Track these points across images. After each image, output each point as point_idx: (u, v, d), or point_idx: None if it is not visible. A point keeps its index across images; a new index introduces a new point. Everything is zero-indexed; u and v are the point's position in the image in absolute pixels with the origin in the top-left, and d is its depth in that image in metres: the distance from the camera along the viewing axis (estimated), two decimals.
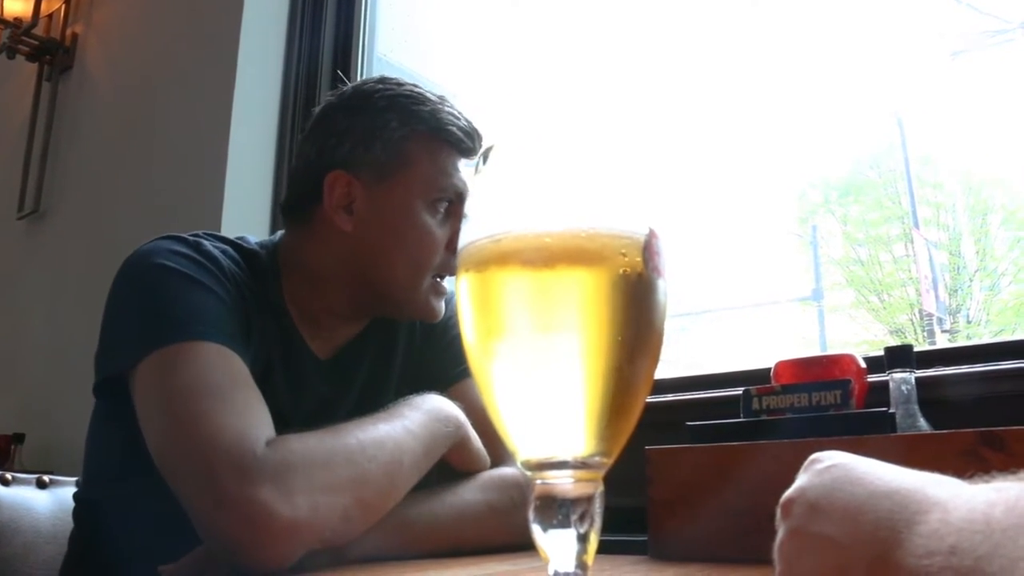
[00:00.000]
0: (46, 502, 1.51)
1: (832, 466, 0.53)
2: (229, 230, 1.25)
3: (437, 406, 1.08)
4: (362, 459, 0.92)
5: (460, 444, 1.09)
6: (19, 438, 2.56)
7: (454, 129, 1.20)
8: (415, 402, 1.07)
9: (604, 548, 0.60)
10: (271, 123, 2.31)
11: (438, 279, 1.20)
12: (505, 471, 1.14)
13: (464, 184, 1.20)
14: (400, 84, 1.23)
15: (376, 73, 1.81)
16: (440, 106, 1.22)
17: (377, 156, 1.19)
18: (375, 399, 1.21)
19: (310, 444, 0.91)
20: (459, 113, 1.23)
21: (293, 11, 2.40)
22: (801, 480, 0.54)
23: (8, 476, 1.51)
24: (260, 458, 0.86)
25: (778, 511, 0.54)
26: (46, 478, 1.55)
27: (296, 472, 0.87)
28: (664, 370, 1.80)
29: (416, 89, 1.23)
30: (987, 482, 0.45)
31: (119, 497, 1.10)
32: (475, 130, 1.22)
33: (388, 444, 0.96)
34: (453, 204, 1.20)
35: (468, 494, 1.10)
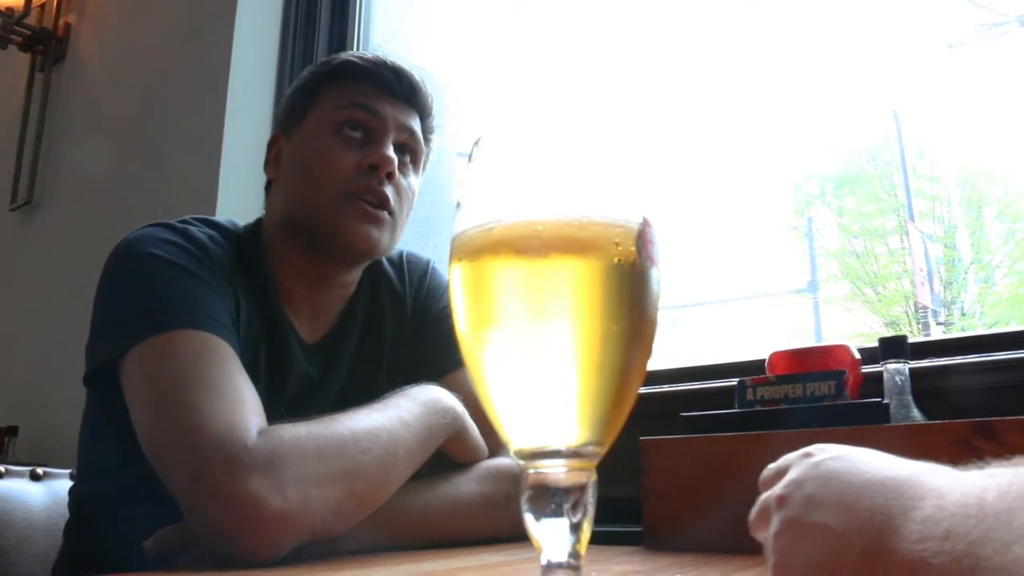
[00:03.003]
0: (40, 495, 1.50)
1: (827, 458, 0.53)
2: (222, 218, 1.25)
3: (434, 397, 1.07)
4: (355, 451, 0.92)
5: (458, 435, 1.09)
6: (12, 431, 2.55)
7: (354, 60, 1.23)
8: (411, 393, 1.06)
9: (598, 539, 0.60)
10: (266, 114, 2.30)
11: (364, 202, 1.16)
12: (502, 462, 1.13)
13: (380, 105, 1.20)
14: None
15: None
16: (354, 52, 1.29)
17: (291, 106, 1.26)
18: (364, 383, 1.21)
19: (302, 435, 0.90)
20: (372, 55, 1.26)
21: (288, 2, 2.39)
22: (795, 473, 0.54)
23: (1, 469, 1.50)
24: (251, 449, 0.86)
25: (772, 503, 0.54)
26: (40, 470, 1.54)
27: (287, 463, 0.86)
28: (659, 361, 1.80)
29: (349, 51, 1.27)
30: (981, 468, 0.45)
31: (113, 489, 1.10)
32: (384, 62, 1.23)
33: (382, 436, 0.95)
34: (370, 128, 1.19)
35: (463, 485, 1.09)
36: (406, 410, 1.01)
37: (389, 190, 1.17)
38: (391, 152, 1.18)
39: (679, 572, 0.77)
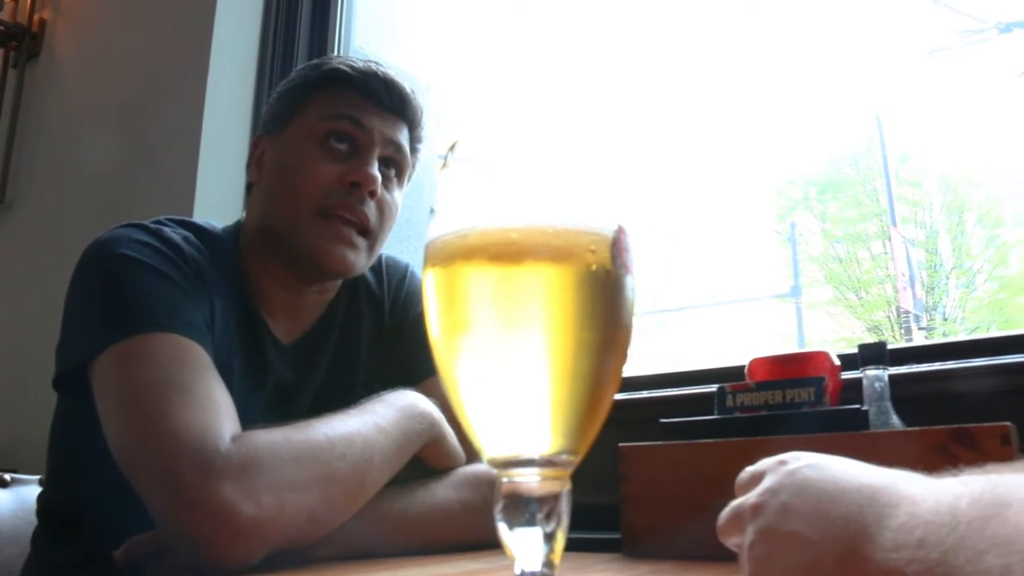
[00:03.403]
0: (7, 501, 1.48)
1: (802, 466, 0.53)
2: (200, 219, 1.24)
3: (411, 403, 1.07)
4: (331, 456, 0.91)
5: (435, 441, 1.08)
6: None
7: (343, 67, 1.20)
8: (388, 398, 1.06)
9: (576, 545, 0.59)
10: (245, 115, 2.28)
11: (340, 223, 1.14)
12: (479, 468, 1.13)
13: (366, 118, 1.17)
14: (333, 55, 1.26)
15: None
16: (345, 57, 1.25)
17: (278, 108, 1.23)
18: (339, 387, 1.20)
19: (276, 440, 0.89)
20: (362, 62, 1.23)
21: (268, 1, 2.38)
22: (770, 481, 0.54)
23: None
24: (224, 454, 0.85)
25: (747, 511, 0.54)
26: (7, 477, 1.52)
27: (261, 469, 0.85)
28: (641, 366, 1.80)
29: (340, 56, 1.25)
30: (955, 476, 0.45)
31: (83, 496, 1.08)
32: (374, 71, 1.20)
33: (358, 442, 0.95)
34: (355, 141, 1.17)
35: (441, 491, 1.09)
36: (382, 416, 1.01)
37: (370, 208, 1.15)
38: (375, 170, 1.15)
39: None
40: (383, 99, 1.19)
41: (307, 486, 0.88)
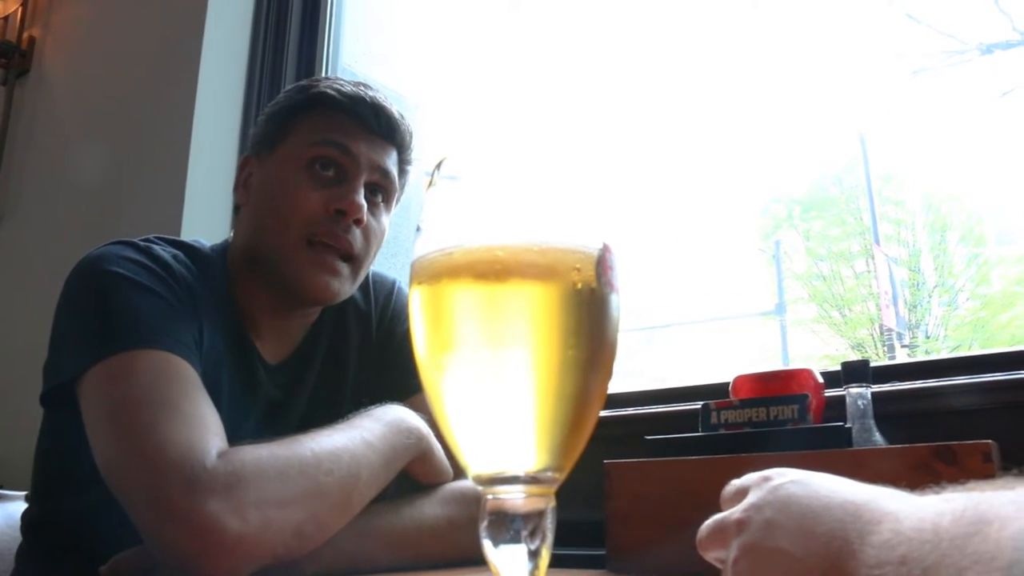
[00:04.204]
0: None
1: (786, 482, 0.53)
2: (188, 236, 1.23)
3: (399, 417, 1.06)
4: (317, 472, 0.91)
5: (422, 456, 1.08)
6: None
7: (332, 92, 1.19)
8: (375, 413, 1.06)
9: (561, 562, 0.59)
10: (233, 135, 2.28)
11: (325, 253, 1.14)
12: (466, 484, 1.13)
13: (354, 144, 1.16)
14: (321, 76, 1.25)
15: None
16: (333, 80, 1.23)
17: (266, 130, 1.23)
18: (327, 405, 1.20)
19: (263, 456, 0.89)
20: (351, 84, 1.21)
21: (257, 19, 2.38)
22: (754, 496, 0.54)
23: None
24: (210, 470, 0.84)
25: (731, 527, 0.54)
26: None
27: (247, 485, 0.85)
28: (626, 383, 1.80)
29: (328, 76, 1.24)
30: (937, 493, 0.45)
31: (69, 511, 1.08)
32: (363, 96, 1.19)
33: (344, 457, 0.94)
34: (342, 167, 1.16)
35: (427, 508, 1.08)
36: (370, 431, 1.00)
37: (355, 235, 1.15)
38: (361, 198, 1.15)
39: None
40: (371, 124, 1.18)
41: (294, 501, 0.87)
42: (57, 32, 2.94)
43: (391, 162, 1.21)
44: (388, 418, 1.05)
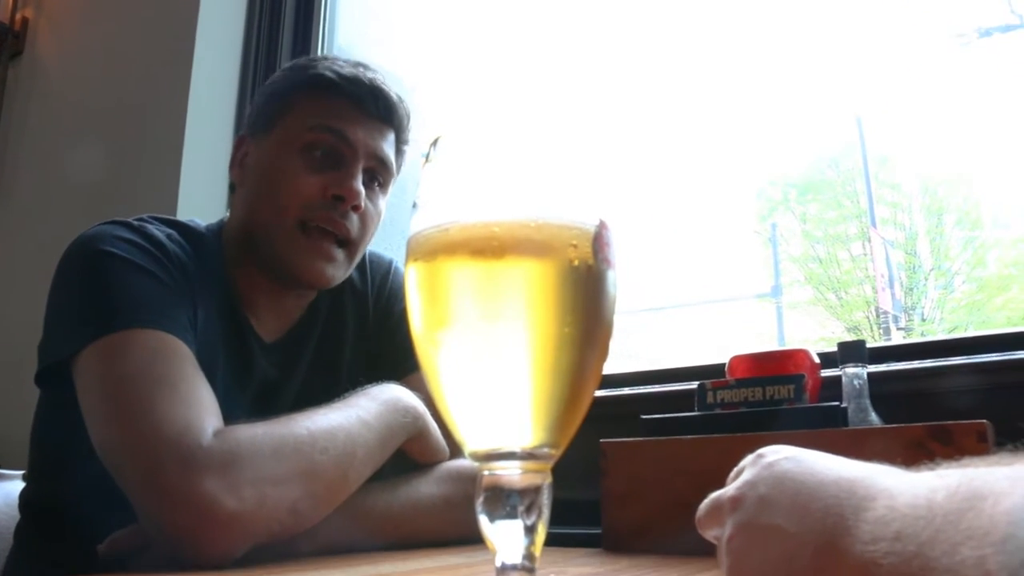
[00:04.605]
0: None
1: (781, 459, 0.53)
2: (183, 218, 1.23)
3: (395, 396, 1.06)
4: (313, 451, 0.91)
5: (419, 435, 1.08)
6: None
7: (330, 74, 1.16)
8: (372, 392, 1.05)
9: (558, 540, 0.60)
10: (228, 117, 2.27)
11: (321, 239, 1.13)
12: (462, 463, 1.13)
13: (352, 130, 1.15)
14: (318, 55, 1.24)
15: None
16: (332, 60, 1.21)
17: (263, 110, 1.21)
18: (323, 383, 1.20)
19: (258, 434, 0.89)
20: (350, 65, 1.19)
21: (252, 1, 2.36)
22: (749, 474, 0.54)
23: None
24: (205, 449, 0.84)
25: (726, 504, 0.55)
26: None
27: (243, 463, 0.85)
28: (623, 364, 1.81)
29: (326, 55, 1.22)
30: (932, 470, 0.45)
31: (66, 490, 1.08)
32: (361, 79, 1.17)
33: (340, 435, 0.94)
34: (339, 152, 1.15)
35: (424, 487, 1.09)
36: (366, 409, 1.00)
37: (352, 220, 1.14)
38: (359, 185, 1.14)
39: (638, 574, 0.77)
40: (370, 108, 1.17)
41: (289, 480, 0.88)
42: (50, 13, 2.92)
43: (388, 145, 1.20)
44: (384, 397, 1.05)
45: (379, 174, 1.20)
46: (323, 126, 1.14)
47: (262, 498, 0.85)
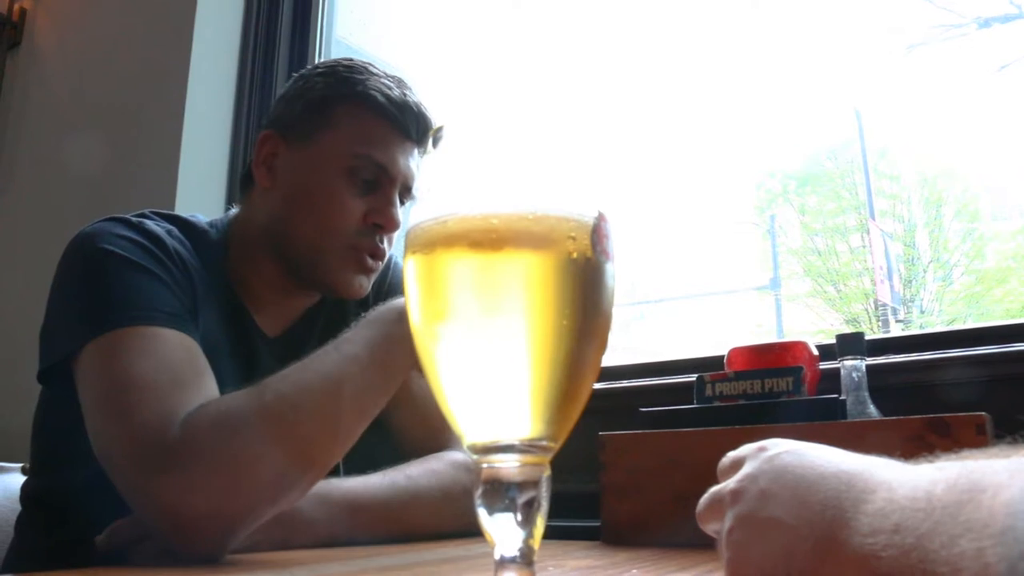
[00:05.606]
0: None
1: (781, 452, 0.54)
2: (183, 211, 1.22)
3: (383, 308, 0.98)
4: (286, 416, 0.85)
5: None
6: None
7: (380, 97, 1.16)
8: (360, 320, 0.98)
9: (557, 533, 0.60)
10: (227, 107, 2.27)
11: (365, 256, 1.14)
12: (459, 455, 1.13)
13: (394, 160, 1.15)
14: (354, 60, 1.22)
15: (335, 56, 1.78)
16: (377, 77, 1.19)
17: (300, 115, 1.19)
18: None
19: (225, 414, 0.85)
20: (396, 85, 1.18)
21: None
22: (749, 467, 0.54)
23: None
24: (169, 446, 0.82)
25: (726, 497, 0.55)
26: None
27: (208, 455, 0.82)
28: (620, 357, 1.81)
29: (363, 63, 1.21)
30: (931, 462, 0.45)
31: (67, 483, 1.08)
32: (410, 105, 1.17)
33: (315, 384, 0.88)
34: (380, 180, 1.15)
35: (421, 479, 1.09)
36: (349, 340, 0.94)
37: (388, 240, 1.17)
38: (398, 213, 1.15)
39: (637, 567, 0.77)
40: (411, 134, 1.17)
41: (265, 451, 0.83)
42: (48, 4, 2.91)
43: (416, 164, 1.19)
44: (371, 316, 0.97)
45: (408, 191, 1.19)
46: (368, 156, 1.14)
47: (235, 484, 0.82)
